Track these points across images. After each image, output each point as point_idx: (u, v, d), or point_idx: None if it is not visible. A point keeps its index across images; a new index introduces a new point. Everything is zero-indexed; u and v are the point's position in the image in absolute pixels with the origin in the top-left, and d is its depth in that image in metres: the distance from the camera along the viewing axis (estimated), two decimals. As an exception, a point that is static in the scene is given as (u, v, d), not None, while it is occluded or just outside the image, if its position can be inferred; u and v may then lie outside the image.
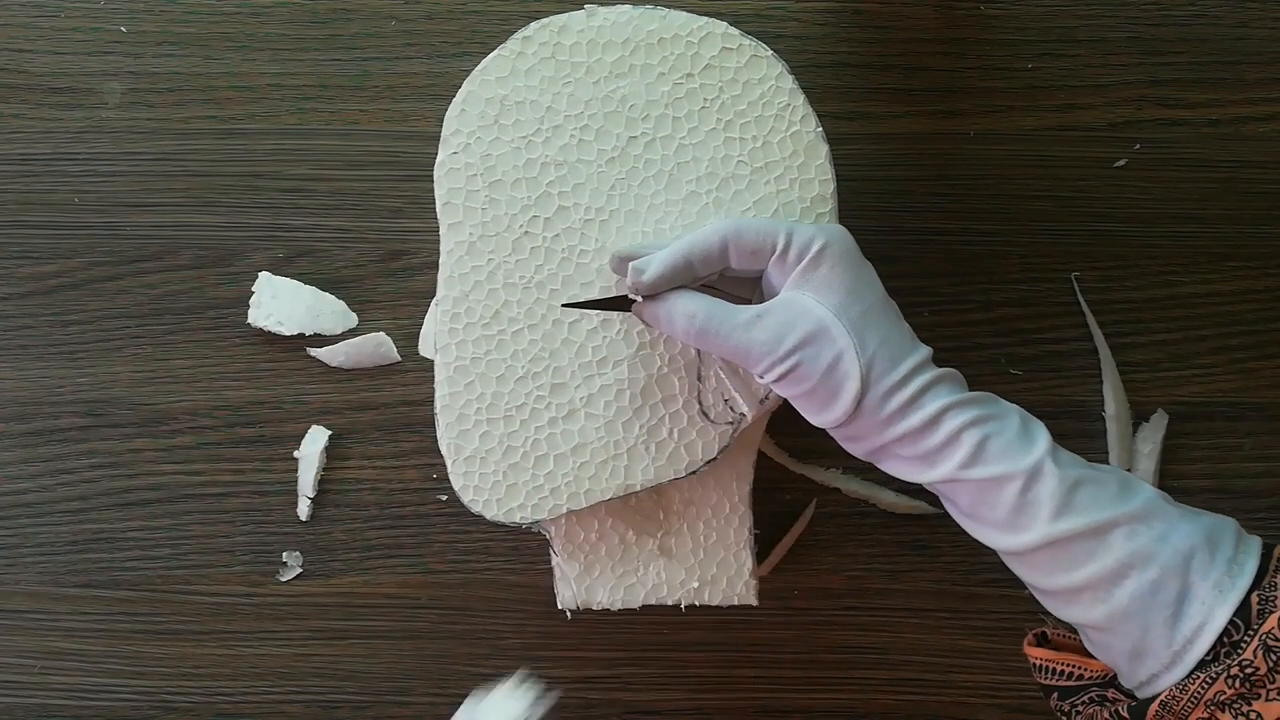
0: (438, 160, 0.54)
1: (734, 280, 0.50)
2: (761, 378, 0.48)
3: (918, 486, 0.59)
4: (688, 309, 0.48)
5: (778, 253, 0.48)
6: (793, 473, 0.62)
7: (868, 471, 0.61)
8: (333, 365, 0.62)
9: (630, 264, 0.48)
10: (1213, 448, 0.62)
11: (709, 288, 0.50)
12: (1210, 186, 0.62)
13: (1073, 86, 0.63)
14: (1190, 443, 0.62)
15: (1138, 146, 0.62)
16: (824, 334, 0.46)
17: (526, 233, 0.53)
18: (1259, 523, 0.61)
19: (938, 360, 0.62)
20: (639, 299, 0.49)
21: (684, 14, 0.53)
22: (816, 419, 0.47)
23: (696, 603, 0.56)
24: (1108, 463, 0.61)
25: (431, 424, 0.62)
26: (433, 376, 0.61)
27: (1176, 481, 0.62)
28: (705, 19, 0.53)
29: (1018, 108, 0.63)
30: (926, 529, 0.62)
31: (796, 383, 0.47)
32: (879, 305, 0.48)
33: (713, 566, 0.56)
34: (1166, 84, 0.63)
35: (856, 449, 0.48)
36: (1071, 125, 0.63)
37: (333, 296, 0.62)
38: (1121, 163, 0.62)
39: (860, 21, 0.63)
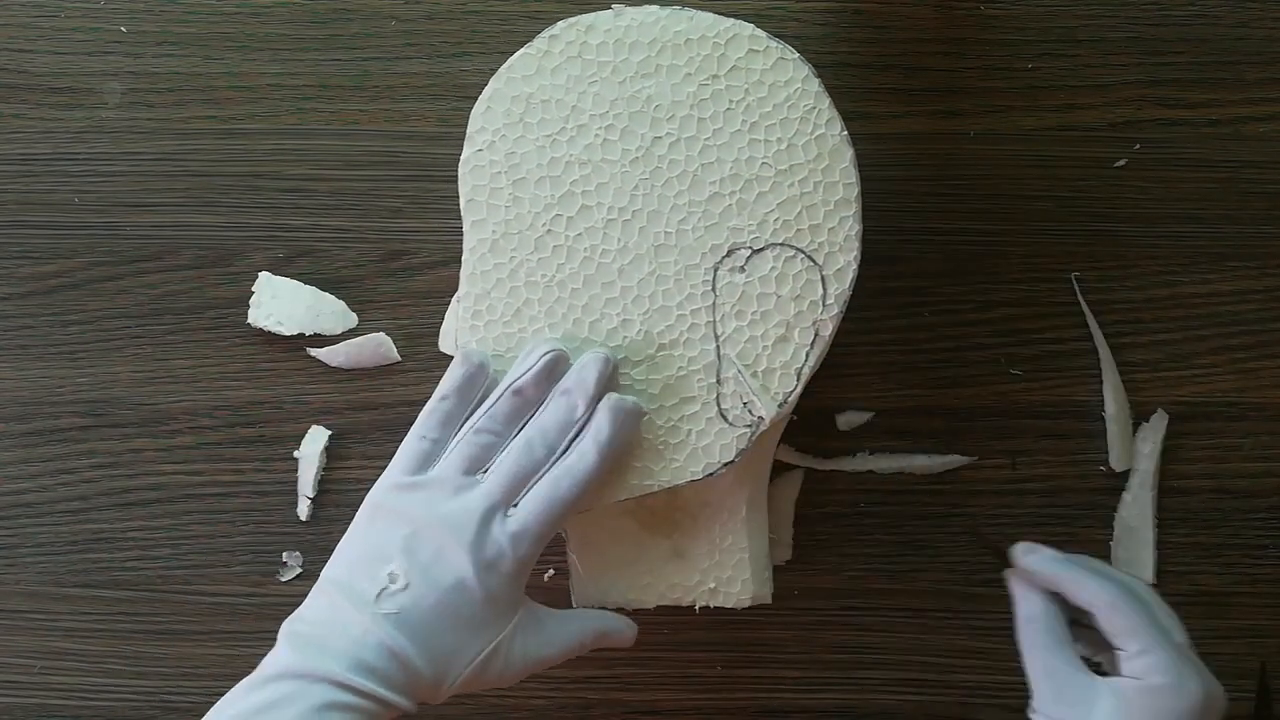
0: (462, 157, 0.54)
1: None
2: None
3: (945, 445, 0.61)
4: (1029, 609, 0.49)
5: (1125, 653, 0.46)
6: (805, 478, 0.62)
7: (894, 445, 0.61)
8: (333, 365, 0.62)
9: (1022, 544, 0.50)
10: (1213, 448, 0.62)
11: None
12: (1210, 186, 0.62)
13: (1073, 86, 0.63)
14: (1190, 443, 0.62)
15: (1138, 146, 0.62)
16: None
17: (549, 231, 0.53)
18: (1259, 522, 0.62)
19: (937, 359, 0.62)
20: (1013, 568, 0.51)
21: (711, 15, 0.53)
22: None
23: (711, 604, 0.56)
24: (1108, 463, 0.61)
25: (431, 424, 0.62)
26: (433, 377, 0.61)
27: (1176, 481, 0.62)
28: (732, 20, 0.53)
29: (1018, 108, 0.63)
30: (926, 529, 0.62)
31: None
32: None
33: (728, 569, 0.56)
34: (1166, 84, 0.63)
35: None
36: (1071, 125, 0.63)
37: (333, 296, 0.62)
38: (1121, 163, 0.62)
39: (860, 21, 0.63)
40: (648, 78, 0.53)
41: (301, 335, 0.62)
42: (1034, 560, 0.49)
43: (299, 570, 0.62)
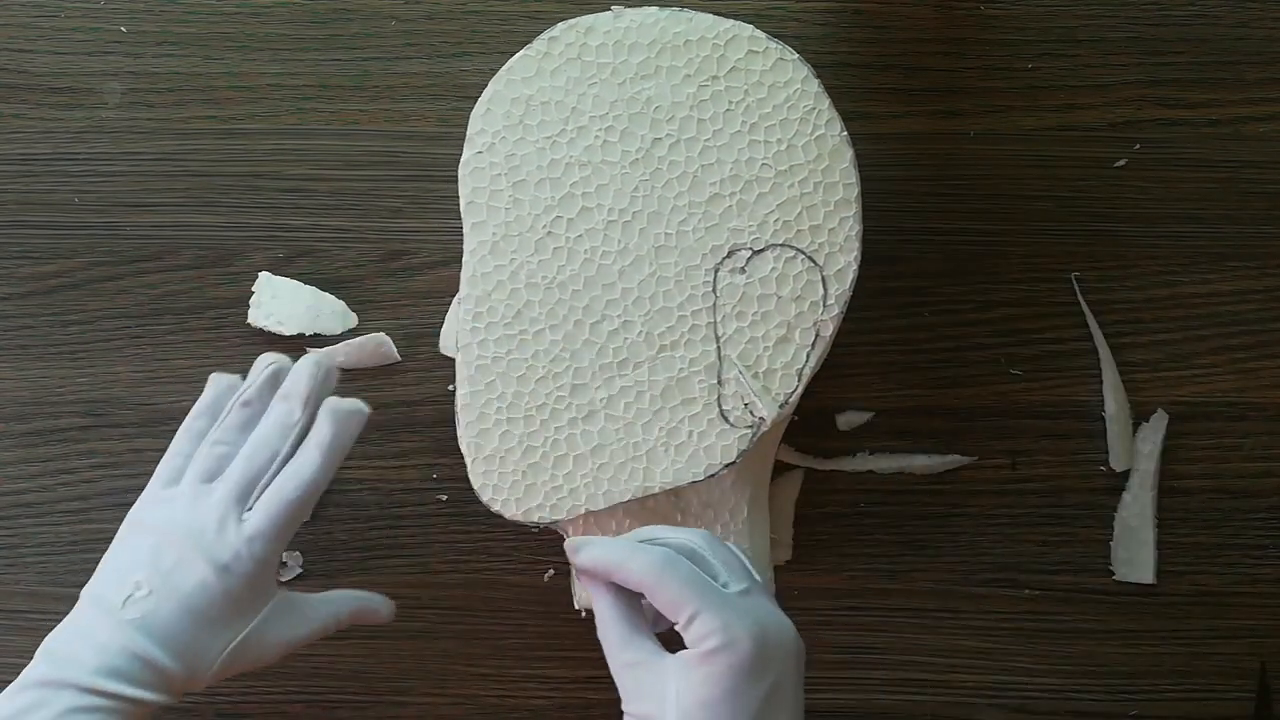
0: (462, 159, 0.54)
1: None
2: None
3: (945, 445, 0.61)
4: (600, 609, 0.47)
5: (679, 625, 0.45)
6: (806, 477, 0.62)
7: (894, 445, 0.62)
8: (333, 365, 0.62)
9: (568, 541, 0.48)
10: (1213, 448, 0.62)
11: None
12: (1210, 186, 0.62)
13: (1073, 86, 0.63)
14: (1190, 443, 0.62)
15: (1138, 146, 0.63)
16: None
17: (549, 233, 0.53)
18: (1259, 522, 0.62)
19: (937, 359, 0.62)
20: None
21: (710, 16, 0.53)
22: None
23: None
24: (1108, 463, 0.61)
25: (432, 424, 0.62)
26: (433, 376, 0.62)
27: (1176, 481, 0.62)
28: (732, 22, 0.53)
29: (1018, 108, 0.63)
30: (926, 529, 0.62)
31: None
32: None
33: None
34: (1166, 84, 0.63)
35: None
36: (1071, 125, 0.63)
37: (333, 296, 0.62)
38: (1121, 163, 0.62)
39: (860, 21, 0.63)
40: (647, 79, 0.53)
41: (301, 335, 0.62)
42: (584, 557, 0.47)
43: (299, 570, 0.62)
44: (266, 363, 0.54)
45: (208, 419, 0.54)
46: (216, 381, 0.55)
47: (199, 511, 0.51)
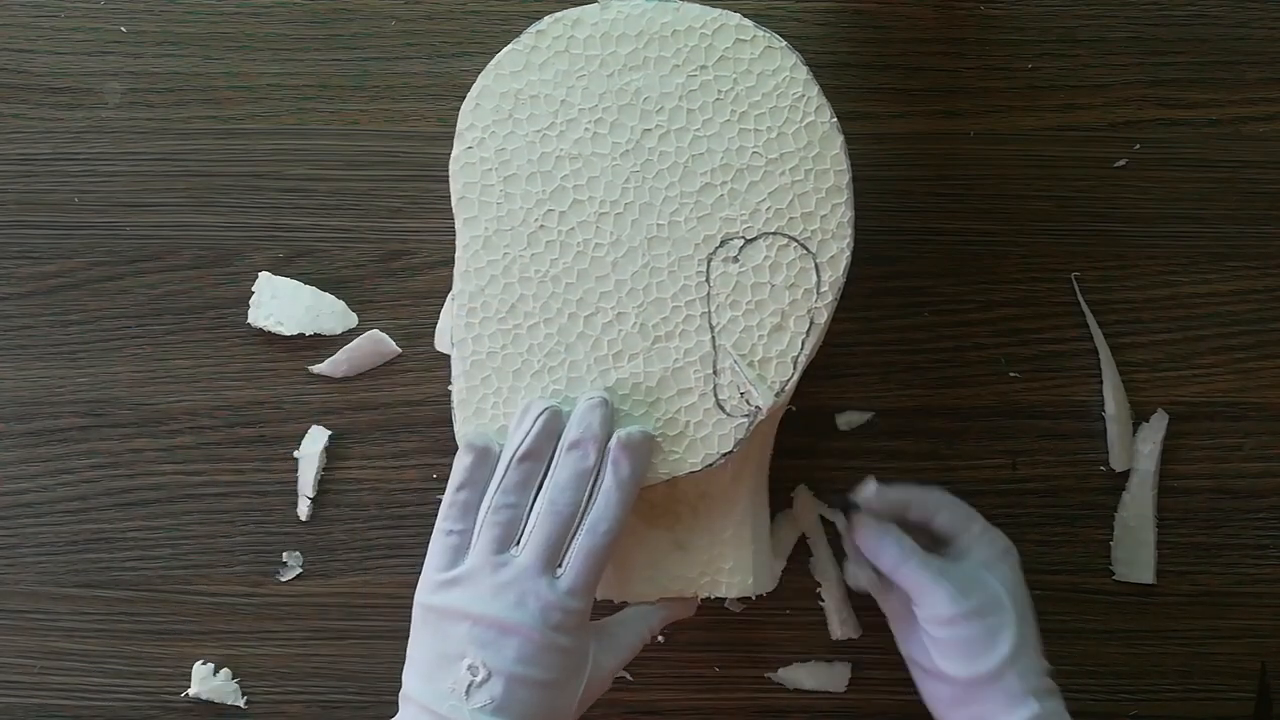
0: (452, 155, 0.54)
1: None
2: (935, 616, 0.53)
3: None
4: (896, 540, 0.54)
5: (973, 533, 0.55)
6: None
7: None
8: (336, 376, 0.62)
9: (870, 479, 0.56)
10: (1213, 448, 0.62)
11: None
12: (1210, 186, 0.62)
13: (1073, 86, 0.63)
14: (1190, 443, 0.62)
15: (1138, 146, 0.63)
16: (998, 602, 0.53)
17: (541, 226, 0.53)
18: (1259, 522, 0.62)
19: (937, 359, 0.62)
20: (858, 514, 0.56)
21: (698, 6, 0.53)
22: (959, 665, 0.52)
23: (712, 595, 0.56)
24: (1108, 463, 0.61)
25: (432, 424, 0.62)
26: (433, 376, 0.62)
27: (1176, 481, 0.62)
28: (719, 11, 0.53)
29: (1018, 108, 0.63)
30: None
31: (961, 626, 0.52)
32: (1033, 615, 0.54)
33: (729, 560, 0.56)
34: (1166, 84, 0.63)
35: (950, 710, 0.54)
36: (1071, 125, 0.63)
37: (333, 296, 0.62)
38: (1121, 163, 0.62)
39: (860, 21, 0.63)
40: (636, 70, 0.53)
41: (301, 335, 0.62)
42: (879, 495, 0.56)
43: (299, 570, 0.62)
44: (536, 411, 0.51)
45: (471, 490, 0.51)
46: (471, 448, 0.51)
47: (507, 582, 0.49)
